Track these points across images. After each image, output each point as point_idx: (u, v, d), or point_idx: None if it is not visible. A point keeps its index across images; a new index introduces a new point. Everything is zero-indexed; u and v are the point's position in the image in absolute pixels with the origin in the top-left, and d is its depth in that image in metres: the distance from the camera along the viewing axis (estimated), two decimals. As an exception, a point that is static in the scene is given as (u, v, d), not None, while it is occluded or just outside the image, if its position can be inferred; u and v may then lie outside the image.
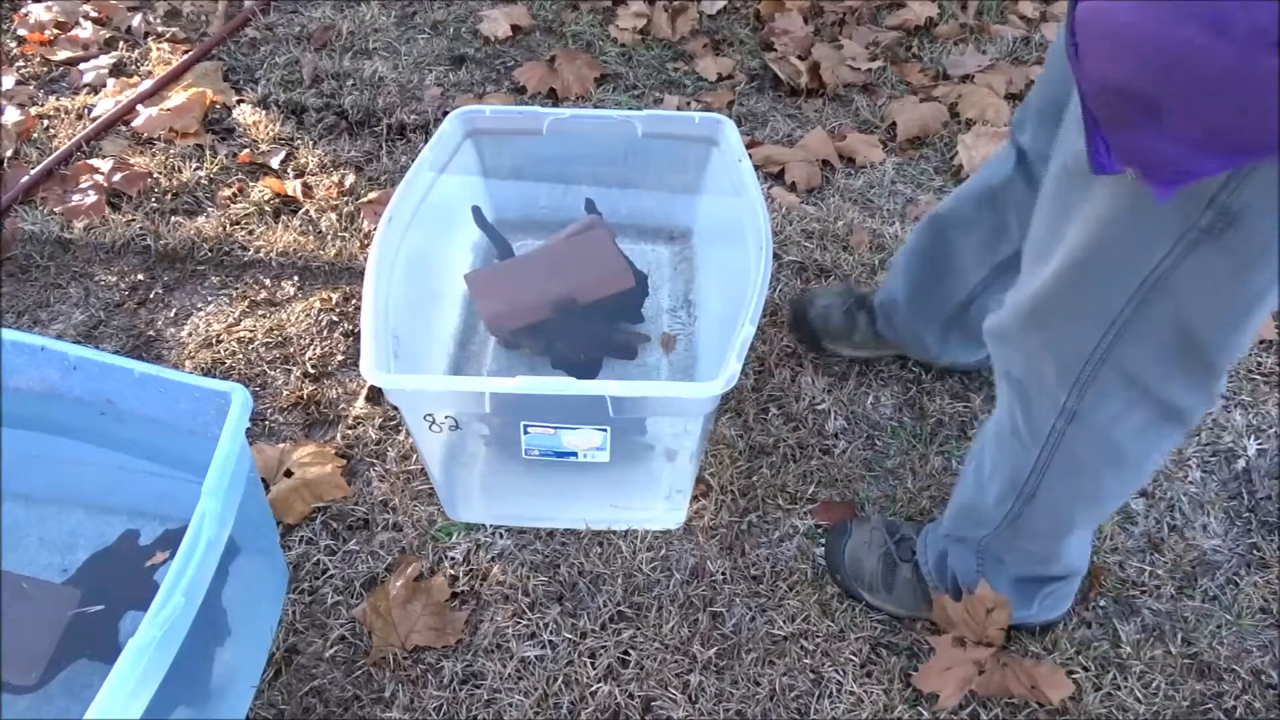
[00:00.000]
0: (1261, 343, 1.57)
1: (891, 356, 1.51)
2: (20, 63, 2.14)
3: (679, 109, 2.05)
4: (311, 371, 1.49)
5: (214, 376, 1.28)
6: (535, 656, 1.17)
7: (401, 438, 1.39)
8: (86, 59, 2.16)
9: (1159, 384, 0.85)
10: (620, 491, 1.26)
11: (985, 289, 1.31)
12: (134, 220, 1.73)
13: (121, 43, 2.23)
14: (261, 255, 1.68)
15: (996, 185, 1.21)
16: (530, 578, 1.24)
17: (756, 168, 1.63)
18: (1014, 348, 0.94)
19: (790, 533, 1.30)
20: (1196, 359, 0.82)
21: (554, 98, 2.08)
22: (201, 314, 1.58)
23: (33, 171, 1.79)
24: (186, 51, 2.17)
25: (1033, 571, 1.13)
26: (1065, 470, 0.97)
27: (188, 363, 1.50)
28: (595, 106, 2.04)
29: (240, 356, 1.51)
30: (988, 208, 1.23)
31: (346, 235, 1.72)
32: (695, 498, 1.32)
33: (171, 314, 1.59)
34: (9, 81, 2.07)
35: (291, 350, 1.52)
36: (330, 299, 1.61)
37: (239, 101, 2.03)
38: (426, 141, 1.45)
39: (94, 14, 2.30)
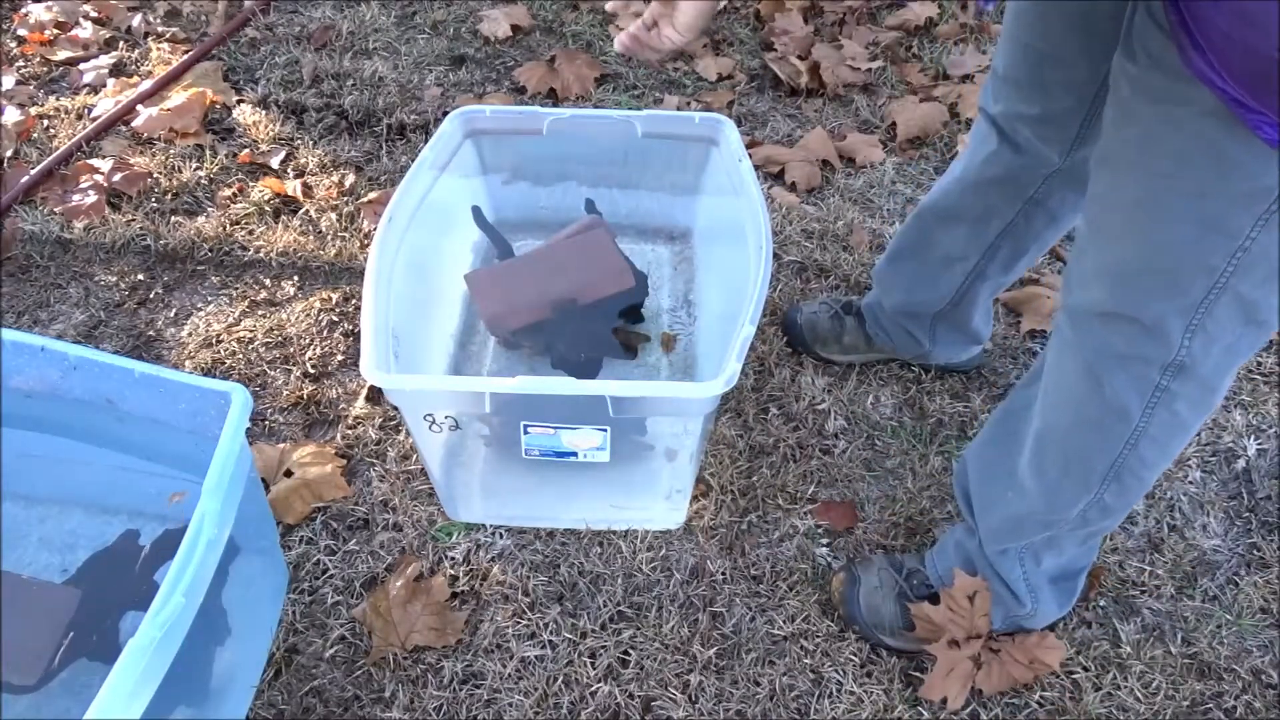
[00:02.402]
0: (1261, 343, 1.57)
1: (890, 358, 1.51)
2: (20, 63, 2.14)
3: (679, 109, 2.05)
4: (311, 371, 1.49)
5: (214, 376, 1.28)
6: (535, 656, 1.17)
7: (401, 438, 1.40)
8: (86, 59, 2.16)
9: (1266, 306, 0.83)
10: (620, 491, 1.26)
11: (976, 278, 1.31)
12: (134, 220, 1.73)
13: (121, 43, 2.23)
14: (261, 255, 1.68)
15: (979, 165, 1.20)
16: (530, 578, 1.24)
17: (756, 168, 1.63)
18: (1112, 320, 0.89)
19: (790, 533, 1.30)
20: None
21: (554, 98, 2.08)
22: (201, 314, 1.58)
23: (33, 171, 1.79)
24: (186, 51, 2.17)
25: (1072, 564, 1.13)
26: (1161, 433, 0.93)
27: (188, 363, 1.50)
28: (595, 106, 2.04)
29: (240, 356, 1.51)
30: (972, 192, 1.23)
31: (346, 235, 1.72)
32: (695, 498, 1.32)
33: (171, 314, 1.59)
34: (9, 81, 2.07)
35: (291, 350, 1.52)
36: (330, 299, 1.61)
37: (239, 101, 2.03)
38: (426, 141, 1.45)
39: (94, 14, 2.30)
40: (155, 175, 1.82)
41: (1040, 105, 1.09)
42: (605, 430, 1.11)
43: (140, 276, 1.65)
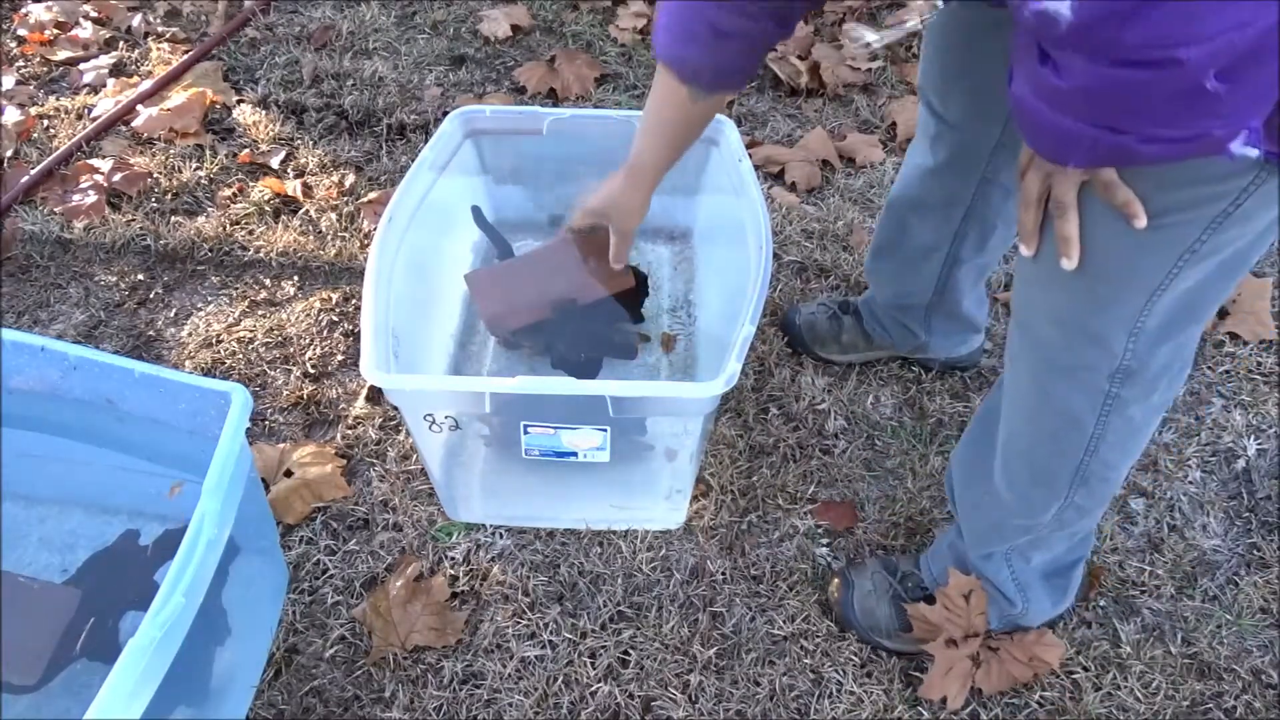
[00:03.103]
0: (1261, 342, 1.57)
1: (890, 355, 1.51)
2: (20, 63, 2.14)
3: (679, 109, 2.05)
4: (311, 371, 1.49)
5: (214, 376, 1.28)
6: (535, 656, 1.17)
7: (401, 438, 1.39)
8: (86, 59, 2.16)
9: (1212, 297, 0.82)
10: (620, 491, 1.26)
11: (953, 264, 1.31)
12: (134, 220, 1.73)
13: (121, 43, 2.23)
14: (261, 255, 1.68)
15: (928, 150, 1.21)
16: (530, 578, 1.24)
17: (756, 168, 1.63)
18: (1056, 325, 0.88)
19: (790, 533, 1.30)
20: (1247, 261, 0.79)
21: (554, 98, 2.08)
22: (201, 314, 1.58)
23: (33, 171, 1.79)
24: (186, 51, 2.17)
25: (1063, 559, 1.13)
26: (1119, 437, 0.93)
27: (188, 363, 1.50)
28: (595, 106, 2.04)
29: (240, 356, 1.51)
30: (930, 178, 1.23)
31: (346, 235, 1.72)
32: (695, 498, 1.32)
33: (171, 314, 1.59)
34: (9, 81, 2.07)
35: (291, 350, 1.52)
36: (330, 299, 1.61)
37: (239, 101, 2.03)
38: (426, 141, 1.45)
39: (94, 14, 2.30)
40: (155, 175, 1.82)
41: (970, 77, 1.09)
42: (605, 430, 1.11)
43: (140, 276, 1.65)
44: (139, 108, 1.96)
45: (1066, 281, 0.82)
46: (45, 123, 1.96)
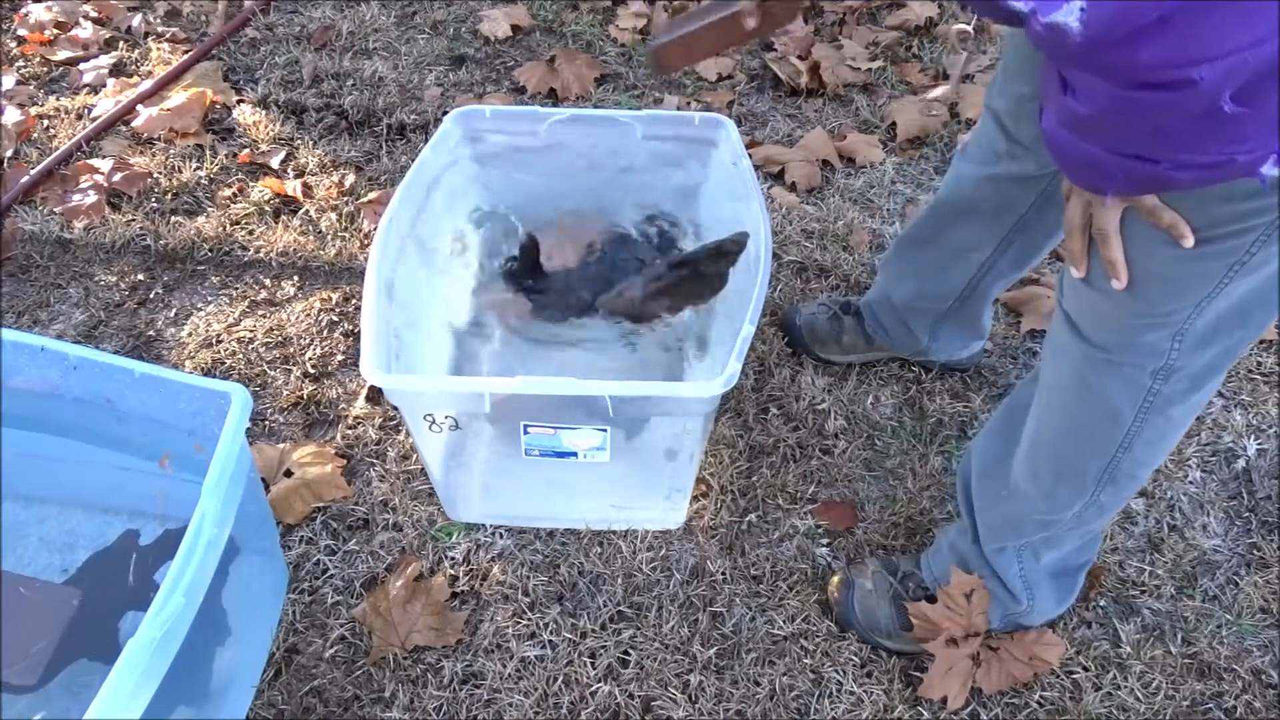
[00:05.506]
0: (1261, 343, 1.57)
1: (889, 356, 1.51)
2: (20, 63, 2.14)
3: (679, 109, 2.05)
4: (311, 371, 1.49)
5: (214, 376, 1.28)
6: (535, 656, 1.17)
7: (401, 438, 1.40)
8: (86, 59, 2.16)
9: (1264, 308, 0.82)
10: (620, 491, 1.26)
11: (989, 271, 1.30)
12: (134, 220, 1.73)
13: (121, 43, 2.23)
14: (261, 255, 1.68)
15: (989, 161, 1.20)
16: (530, 578, 1.24)
17: (756, 168, 1.63)
18: (1107, 331, 0.88)
19: (790, 533, 1.30)
20: None
21: (554, 98, 2.08)
22: (201, 314, 1.58)
23: (33, 171, 1.79)
24: (186, 51, 2.17)
25: (1072, 560, 1.13)
26: (1154, 434, 0.93)
27: (188, 363, 1.50)
28: (595, 106, 2.04)
29: (240, 356, 1.51)
30: (987, 185, 1.22)
31: (346, 235, 1.72)
32: (695, 498, 1.32)
33: (171, 314, 1.59)
34: (9, 81, 2.07)
35: (291, 350, 1.52)
36: (330, 299, 1.61)
37: (239, 101, 2.03)
38: (426, 141, 1.45)
39: (94, 14, 2.30)
40: (155, 175, 1.82)
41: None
42: (605, 430, 1.11)
43: (140, 276, 1.65)
44: (139, 108, 1.96)
45: (1115, 294, 0.83)
46: (45, 123, 1.96)
